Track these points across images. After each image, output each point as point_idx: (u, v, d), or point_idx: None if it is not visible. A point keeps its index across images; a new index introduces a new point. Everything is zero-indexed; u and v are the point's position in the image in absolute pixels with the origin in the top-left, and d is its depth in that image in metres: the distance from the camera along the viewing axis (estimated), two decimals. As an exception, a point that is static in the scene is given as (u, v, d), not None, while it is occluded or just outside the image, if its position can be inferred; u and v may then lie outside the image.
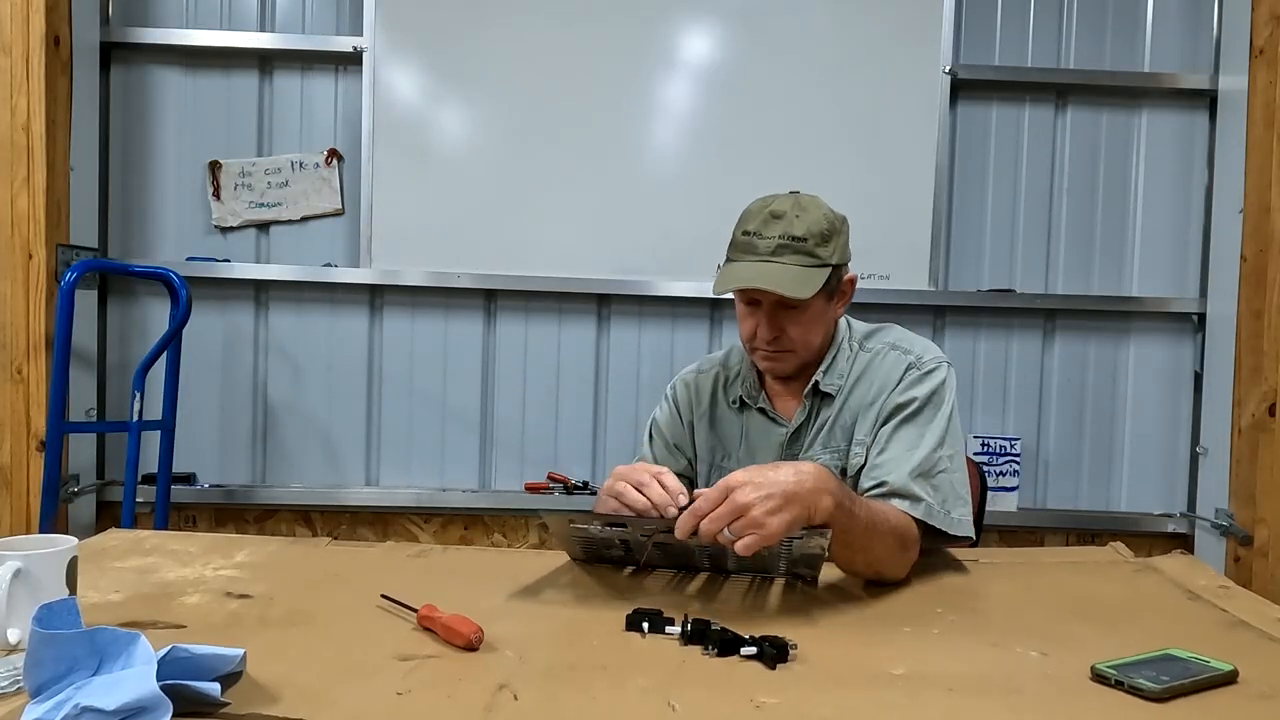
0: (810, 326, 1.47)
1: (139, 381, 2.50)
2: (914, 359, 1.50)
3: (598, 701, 0.88)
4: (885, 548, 1.27)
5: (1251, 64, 2.61)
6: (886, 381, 1.49)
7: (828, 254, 1.43)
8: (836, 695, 0.90)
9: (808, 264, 1.42)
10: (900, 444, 1.42)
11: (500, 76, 2.73)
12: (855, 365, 1.52)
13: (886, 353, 1.52)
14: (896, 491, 1.37)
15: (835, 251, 1.45)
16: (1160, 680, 0.91)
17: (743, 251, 1.44)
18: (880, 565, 1.28)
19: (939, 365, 1.49)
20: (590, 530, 1.26)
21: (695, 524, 1.11)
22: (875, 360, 1.52)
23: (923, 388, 1.46)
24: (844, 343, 1.54)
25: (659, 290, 2.75)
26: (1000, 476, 2.78)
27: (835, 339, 1.54)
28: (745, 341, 1.52)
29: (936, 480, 1.39)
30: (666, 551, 1.28)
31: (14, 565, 0.96)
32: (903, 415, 1.45)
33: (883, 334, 1.56)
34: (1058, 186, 2.86)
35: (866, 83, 2.73)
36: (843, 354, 1.53)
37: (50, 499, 2.41)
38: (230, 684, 0.86)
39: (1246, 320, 2.60)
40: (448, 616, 1.02)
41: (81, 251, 2.63)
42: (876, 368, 1.51)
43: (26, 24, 2.44)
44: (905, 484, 1.37)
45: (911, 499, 1.36)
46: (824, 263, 1.43)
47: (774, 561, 1.26)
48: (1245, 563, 2.58)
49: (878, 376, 1.50)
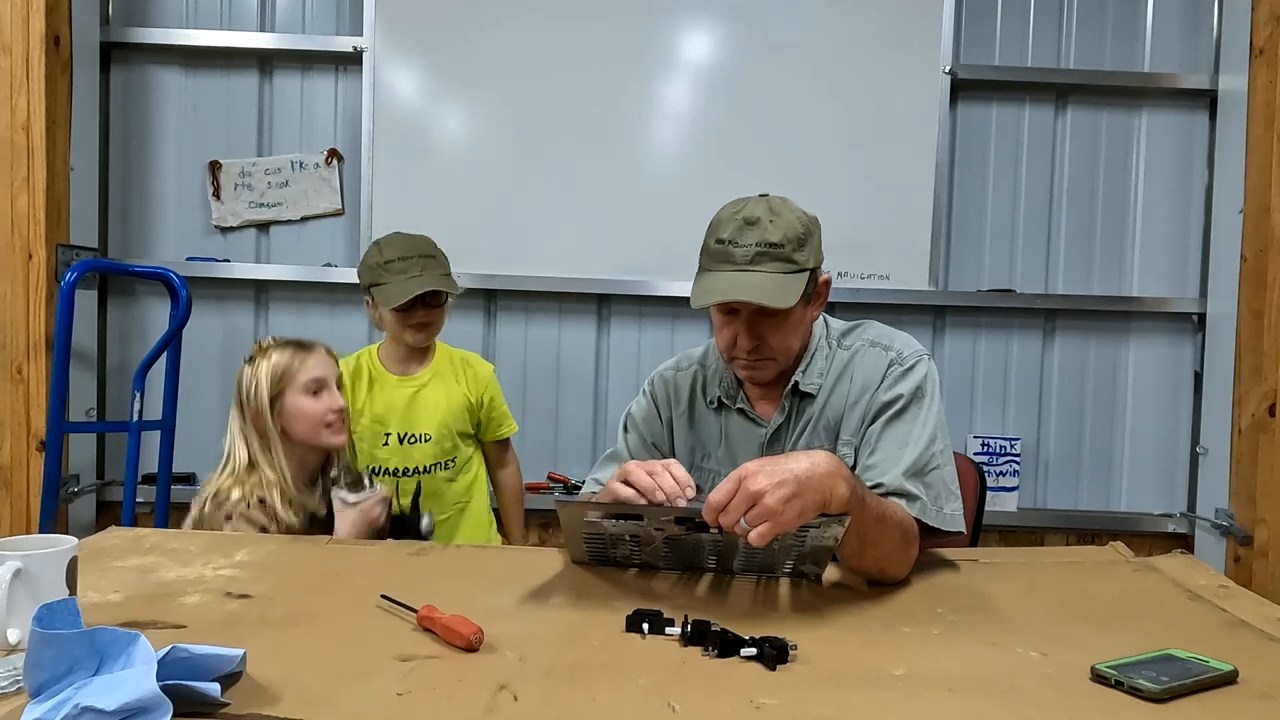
0: (790, 333, 1.44)
1: (139, 381, 2.50)
2: (895, 355, 1.49)
3: (598, 702, 0.88)
4: (892, 543, 1.27)
5: (1251, 64, 2.61)
6: (869, 380, 1.48)
7: (804, 259, 1.40)
8: (836, 696, 0.90)
9: (787, 270, 1.38)
10: (890, 443, 1.42)
11: (500, 76, 2.73)
12: (835, 363, 1.51)
13: (866, 350, 1.51)
14: (893, 492, 1.37)
15: (811, 255, 1.41)
16: (1160, 680, 0.91)
17: (718, 260, 1.40)
18: (886, 562, 1.28)
19: (920, 359, 1.49)
20: (604, 525, 1.25)
21: (714, 516, 1.10)
22: (855, 358, 1.51)
23: (906, 384, 1.46)
24: (822, 341, 1.52)
25: (659, 290, 2.75)
26: (1000, 476, 2.77)
27: (813, 339, 1.52)
28: (724, 351, 1.48)
29: (929, 478, 1.40)
30: (674, 549, 1.28)
31: (14, 565, 0.96)
32: (890, 413, 1.44)
33: (860, 331, 1.55)
34: (1058, 186, 2.86)
35: (866, 83, 2.73)
36: (821, 353, 1.52)
37: (50, 499, 2.41)
38: (230, 684, 0.86)
39: (1246, 320, 2.60)
40: (448, 617, 1.02)
41: (81, 251, 2.63)
42: (857, 365, 1.50)
43: (26, 24, 2.44)
44: (900, 484, 1.37)
45: (908, 498, 1.36)
46: (801, 268, 1.40)
47: (782, 557, 1.26)
48: (1245, 563, 2.58)
49: (859, 375, 1.49)
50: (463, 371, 2.14)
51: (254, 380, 1.69)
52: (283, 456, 1.68)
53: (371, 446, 2.04)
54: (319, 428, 1.71)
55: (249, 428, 1.69)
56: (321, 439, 1.72)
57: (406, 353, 2.08)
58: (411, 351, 2.08)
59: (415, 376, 2.08)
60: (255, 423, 1.68)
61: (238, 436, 1.70)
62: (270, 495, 1.64)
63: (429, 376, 2.09)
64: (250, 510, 1.62)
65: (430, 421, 2.06)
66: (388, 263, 1.99)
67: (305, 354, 1.73)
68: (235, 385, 1.73)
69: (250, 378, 1.70)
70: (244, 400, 1.70)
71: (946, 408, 1.50)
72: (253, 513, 1.62)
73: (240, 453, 1.69)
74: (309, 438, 1.71)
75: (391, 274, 1.98)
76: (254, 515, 1.62)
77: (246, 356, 1.74)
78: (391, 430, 2.04)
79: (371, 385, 2.06)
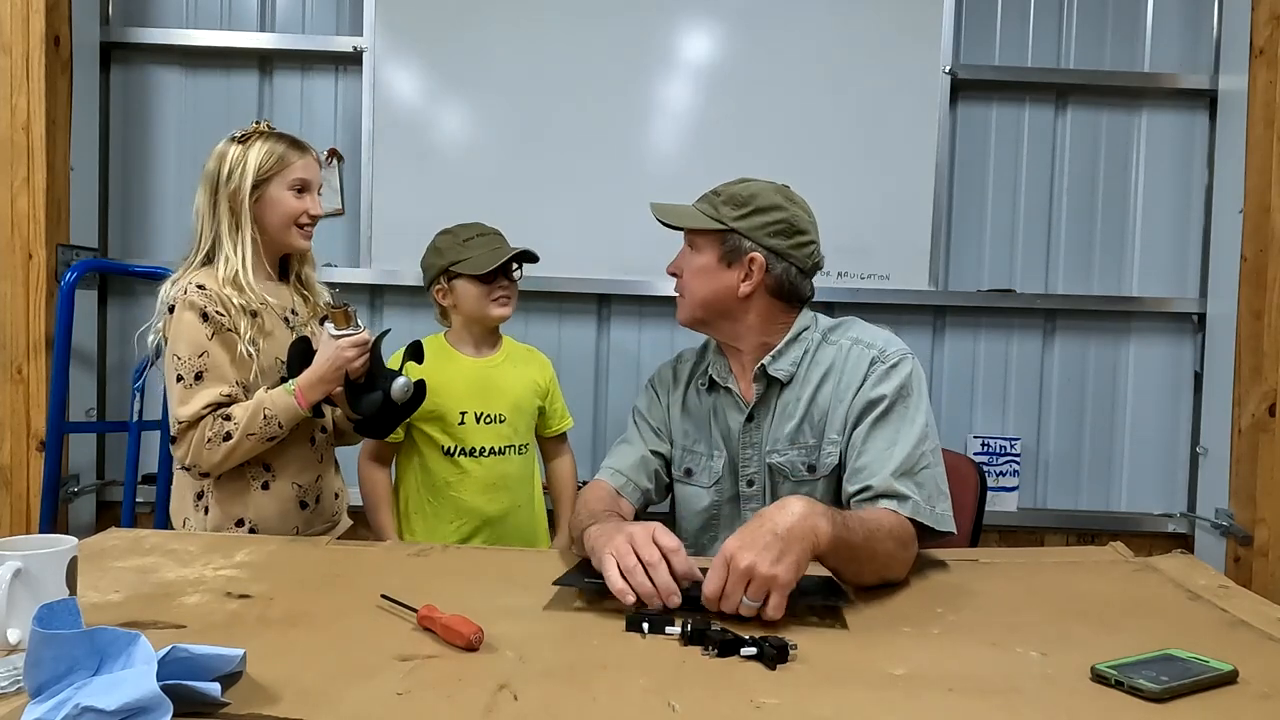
0: (696, 275, 1.55)
1: (139, 381, 2.50)
2: (877, 353, 1.51)
3: (598, 702, 0.88)
4: (887, 553, 1.28)
5: (1251, 64, 2.61)
6: (852, 378, 1.50)
7: (729, 214, 1.52)
8: (836, 695, 0.90)
9: (706, 212, 1.54)
10: (878, 444, 1.43)
11: (500, 77, 2.73)
12: (819, 356, 1.54)
13: (850, 348, 1.53)
14: (883, 493, 1.38)
15: (741, 220, 1.51)
16: (1160, 681, 0.91)
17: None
18: (885, 570, 1.29)
19: (903, 358, 1.50)
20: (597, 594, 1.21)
21: (716, 607, 1.10)
22: (839, 355, 1.53)
23: (890, 384, 1.47)
24: (806, 334, 1.56)
25: (659, 290, 2.74)
26: (1000, 476, 2.78)
27: (790, 330, 1.56)
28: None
29: (920, 477, 1.40)
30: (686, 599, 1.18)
31: (14, 565, 0.96)
32: (875, 414, 1.46)
33: (844, 328, 1.58)
34: (1058, 186, 2.86)
35: (866, 83, 2.73)
36: (799, 345, 1.55)
37: (50, 499, 2.41)
38: (230, 684, 0.87)
39: (1246, 320, 2.60)
40: (448, 617, 1.02)
41: (81, 251, 2.63)
42: (841, 364, 1.52)
43: (26, 24, 2.44)
44: (890, 485, 1.38)
45: (899, 498, 1.37)
46: (719, 219, 1.52)
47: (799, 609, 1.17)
48: (1245, 563, 2.58)
49: (844, 373, 1.51)
50: (530, 358, 2.16)
51: (243, 160, 1.67)
52: (249, 241, 1.67)
53: (447, 425, 2.01)
54: (290, 225, 1.72)
55: (222, 206, 1.67)
56: (290, 237, 1.73)
57: (479, 336, 2.07)
58: (484, 335, 2.07)
59: (489, 359, 2.08)
60: (230, 201, 1.67)
61: (206, 221, 1.69)
62: (233, 276, 1.65)
63: (501, 359, 2.09)
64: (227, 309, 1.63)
65: (504, 402, 2.05)
66: (466, 240, 2.03)
67: (301, 152, 1.73)
68: (213, 161, 1.69)
69: (238, 156, 1.68)
70: (223, 177, 1.67)
71: (947, 408, 1.51)
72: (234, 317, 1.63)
73: (205, 239, 1.68)
74: (278, 233, 1.71)
75: (474, 248, 2.01)
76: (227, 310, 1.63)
77: (237, 135, 1.70)
78: (468, 409, 2.01)
79: (446, 366, 2.04)
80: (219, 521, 1.69)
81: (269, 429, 1.63)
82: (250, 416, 1.61)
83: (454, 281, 2.02)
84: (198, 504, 1.70)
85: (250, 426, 1.61)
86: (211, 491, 1.70)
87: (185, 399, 1.61)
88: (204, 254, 1.68)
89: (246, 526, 1.69)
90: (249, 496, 1.70)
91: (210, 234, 1.68)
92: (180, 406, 1.62)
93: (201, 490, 1.70)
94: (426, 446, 2.03)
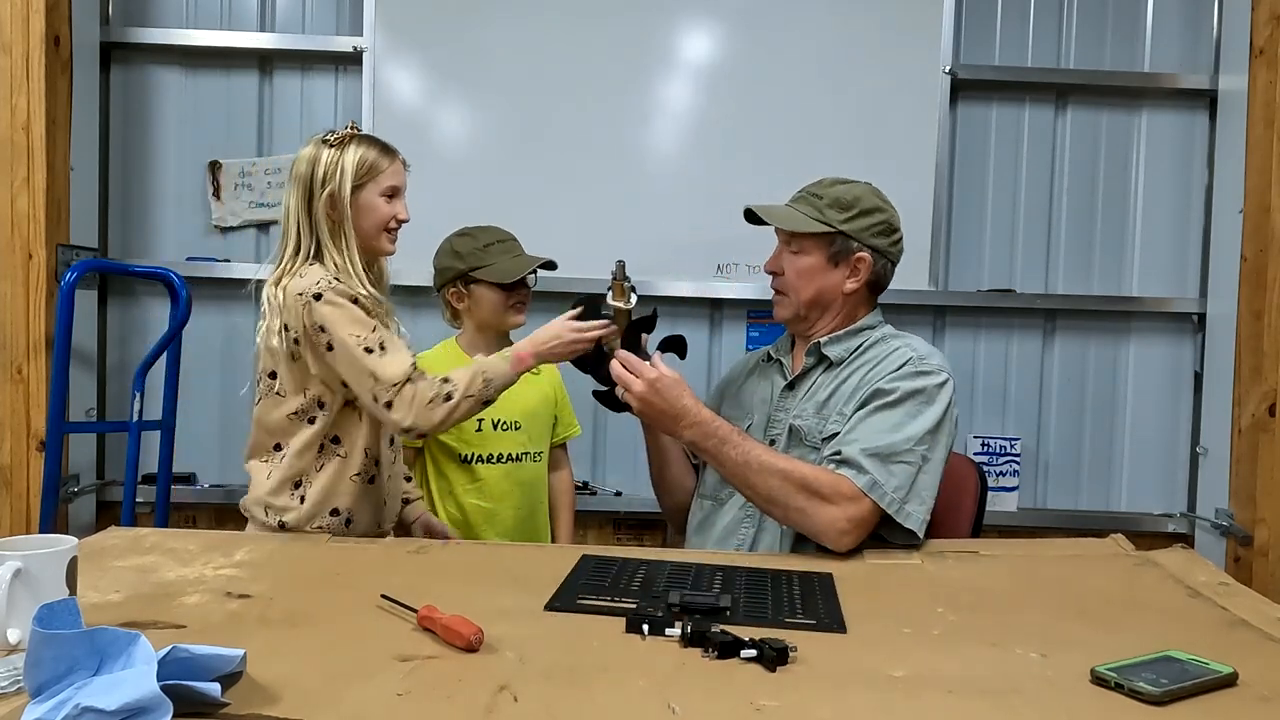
0: (801, 275, 1.63)
1: (139, 381, 2.50)
2: (915, 356, 1.56)
3: (597, 703, 0.88)
4: (770, 488, 1.41)
5: (1251, 64, 2.61)
6: (884, 370, 1.56)
7: (836, 218, 1.60)
8: (836, 698, 0.90)
9: (811, 215, 1.62)
10: (869, 427, 1.47)
11: (500, 76, 2.72)
12: (871, 351, 1.61)
13: (897, 348, 1.60)
14: (844, 460, 1.43)
15: (847, 222, 1.60)
16: (1160, 683, 0.91)
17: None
18: (773, 507, 1.44)
19: (937, 371, 1.53)
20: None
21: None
22: (884, 351, 1.60)
23: (911, 383, 1.51)
24: (871, 331, 1.65)
25: (659, 290, 2.74)
26: (1000, 476, 2.78)
27: (857, 322, 1.65)
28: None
29: (894, 468, 1.42)
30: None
31: (14, 565, 0.96)
32: (880, 402, 1.50)
33: (905, 337, 1.65)
34: (1058, 186, 2.85)
35: (866, 83, 2.73)
36: (858, 336, 1.64)
37: (50, 499, 2.41)
38: (230, 684, 0.86)
39: (1246, 320, 2.60)
40: (448, 617, 1.02)
41: (81, 251, 2.63)
42: (882, 358, 1.59)
43: (26, 24, 2.44)
44: (855, 456, 1.43)
45: (857, 469, 1.41)
46: (826, 222, 1.60)
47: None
48: (1245, 563, 2.58)
49: (879, 364, 1.57)
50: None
51: (339, 165, 1.63)
52: (353, 243, 1.65)
53: (463, 432, 2.00)
54: (381, 230, 1.70)
55: (319, 212, 1.63)
56: (380, 242, 1.71)
57: (491, 342, 2.05)
58: (496, 341, 2.06)
59: None
60: (328, 207, 1.63)
61: (304, 223, 1.64)
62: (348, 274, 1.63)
63: None
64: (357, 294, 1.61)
65: (518, 409, 2.05)
66: (487, 245, 2.04)
67: (392, 158, 1.71)
68: (304, 166, 1.65)
69: (334, 161, 1.64)
70: (318, 182, 1.63)
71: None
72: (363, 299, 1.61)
73: (305, 241, 1.64)
74: (368, 237, 1.68)
75: (495, 254, 2.02)
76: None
77: (329, 139, 1.66)
78: (485, 416, 1.99)
79: None
80: (314, 510, 1.64)
81: (486, 391, 1.62)
82: (471, 378, 1.60)
83: (472, 286, 2.02)
84: (294, 493, 1.64)
85: (470, 389, 1.59)
86: (312, 481, 1.65)
87: (388, 364, 1.57)
88: (304, 254, 1.65)
89: (342, 517, 1.66)
90: (352, 488, 1.66)
91: (309, 237, 1.64)
92: (386, 369, 1.57)
93: (299, 479, 1.65)
94: (442, 454, 2.02)
